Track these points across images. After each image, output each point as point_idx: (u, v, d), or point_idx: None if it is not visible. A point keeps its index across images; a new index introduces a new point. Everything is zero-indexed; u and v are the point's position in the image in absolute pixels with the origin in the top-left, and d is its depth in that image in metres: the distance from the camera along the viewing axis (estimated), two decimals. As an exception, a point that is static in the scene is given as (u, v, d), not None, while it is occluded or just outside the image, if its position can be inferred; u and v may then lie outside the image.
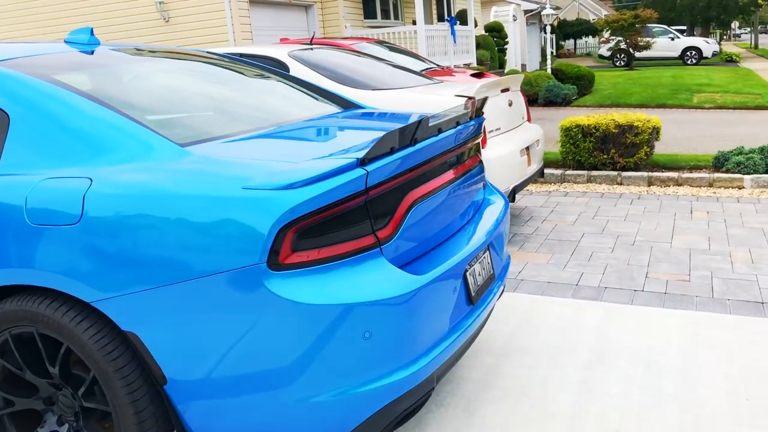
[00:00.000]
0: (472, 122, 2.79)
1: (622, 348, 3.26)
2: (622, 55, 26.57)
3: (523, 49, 25.88)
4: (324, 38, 8.97)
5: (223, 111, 2.71)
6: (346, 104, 3.28)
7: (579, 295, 4.02)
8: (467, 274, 2.43)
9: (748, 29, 68.86)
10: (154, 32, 12.87)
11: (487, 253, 2.69)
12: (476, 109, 2.86)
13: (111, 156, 2.14)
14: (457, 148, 2.61)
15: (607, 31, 26.17)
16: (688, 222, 5.44)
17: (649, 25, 24.89)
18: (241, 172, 1.99)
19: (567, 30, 38.78)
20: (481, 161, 3.03)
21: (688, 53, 27.62)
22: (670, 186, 6.69)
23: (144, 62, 2.95)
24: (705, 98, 13.26)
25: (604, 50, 28.44)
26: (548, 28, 19.85)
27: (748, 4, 36.59)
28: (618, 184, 6.89)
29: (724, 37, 56.94)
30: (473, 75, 7.97)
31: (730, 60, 28.38)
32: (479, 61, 17.86)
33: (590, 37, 42.85)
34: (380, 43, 9.27)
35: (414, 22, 17.24)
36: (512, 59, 23.31)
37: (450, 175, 2.55)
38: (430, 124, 2.32)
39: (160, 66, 2.97)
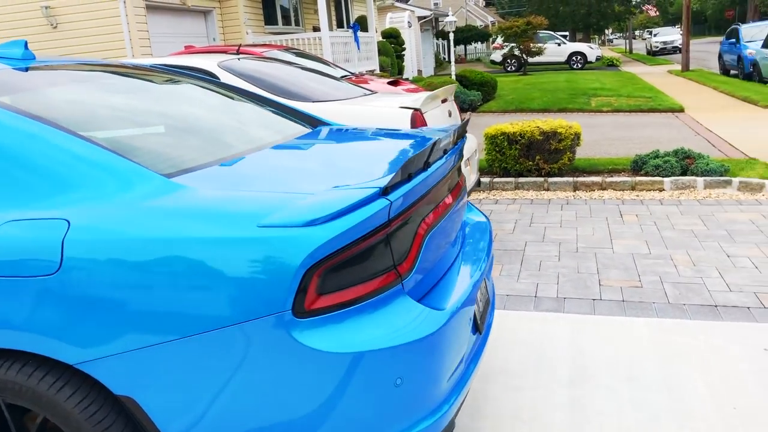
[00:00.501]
0: (461, 142, 2.66)
1: (601, 362, 3.24)
2: (513, 61, 27.54)
3: (419, 55, 26.28)
4: (247, 45, 8.59)
5: (196, 133, 2.44)
6: (313, 122, 3.07)
7: (541, 307, 3.99)
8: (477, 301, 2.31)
9: (619, 34, 73.43)
10: (41, 39, 11.97)
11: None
12: (464, 127, 2.74)
13: (85, 192, 1.84)
14: (452, 169, 2.48)
15: (501, 37, 27.02)
16: (621, 226, 5.58)
17: (537, 31, 25.91)
18: (252, 207, 1.76)
19: (458, 36, 39.78)
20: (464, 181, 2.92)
21: (574, 58, 29.04)
22: (595, 190, 6.87)
23: (92, 80, 2.62)
24: (602, 102, 13.87)
25: (497, 56, 29.36)
26: (451, 35, 20.18)
27: (623, 11, 38.89)
28: (545, 189, 7.01)
29: (599, 42, 60.32)
30: (389, 83, 7.86)
31: (612, 64, 30.01)
32: (381, 68, 17.91)
33: (479, 42, 44.20)
34: (288, 50, 9.03)
35: (315, 29, 17.07)
36: (409, 65, 23.58)
37: (449, 199, 2.42)
38: (441, 146, 2.18)
39: (111, 83, 2.65)
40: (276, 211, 1.74)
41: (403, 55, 22.39)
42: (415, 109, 4.62)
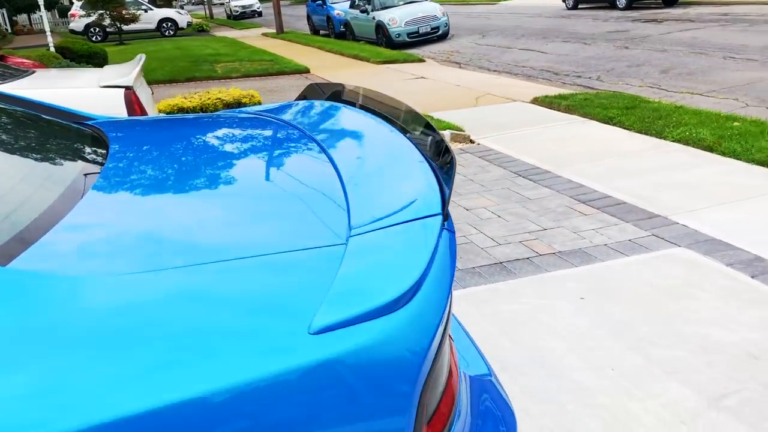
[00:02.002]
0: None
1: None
2: (98, 30, 25.09)
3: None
4: None
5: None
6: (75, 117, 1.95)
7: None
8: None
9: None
10: None
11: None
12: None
13: None
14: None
15: (83, 5, 24.22)
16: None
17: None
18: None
19: (17, 3, 34.61)
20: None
21: (165, 24, 27.74)
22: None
23: None
24: (229, 68, 13.39)
25: (77, 24, 26.31)
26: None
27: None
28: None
29: (178, 7, 59.03)
30: None
31: (202, 30, 29.59)
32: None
33: (47, 11, 39.20)
34: None
35: None
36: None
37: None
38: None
39: None
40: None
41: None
42: (128, 88, 3.53)
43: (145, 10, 27.39)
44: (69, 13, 29.94)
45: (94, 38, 25.06)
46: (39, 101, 1.93)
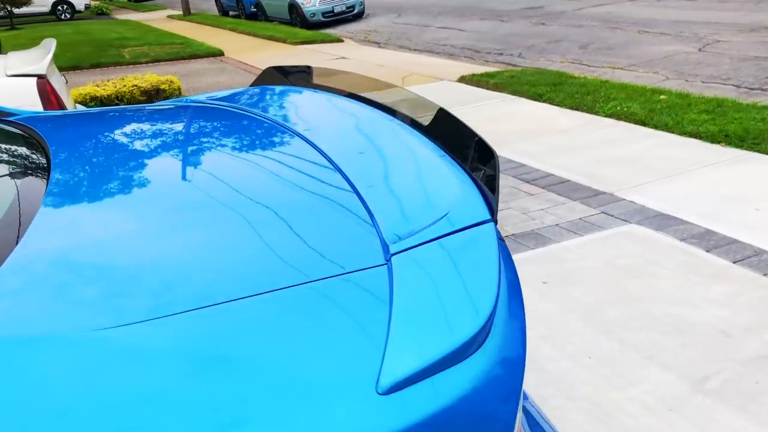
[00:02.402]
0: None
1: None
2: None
3: None
4: None
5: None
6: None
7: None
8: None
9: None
10: None
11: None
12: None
13: None
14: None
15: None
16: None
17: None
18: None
19: None
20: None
21: (60, 8, 26.12)
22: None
23: None
24: (137, 52, 12.66)
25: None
26: None
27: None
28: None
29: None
30: None
31: (102, 13, 28.05)
32: None
33: None
34: None
35: None
36: None
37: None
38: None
39: None
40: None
41: None
42: (40, 77, 3.16)
43: (38, -8, 25.69)
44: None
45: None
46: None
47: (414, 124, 1.21)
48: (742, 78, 6.96)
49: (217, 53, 12.48)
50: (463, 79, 7.95)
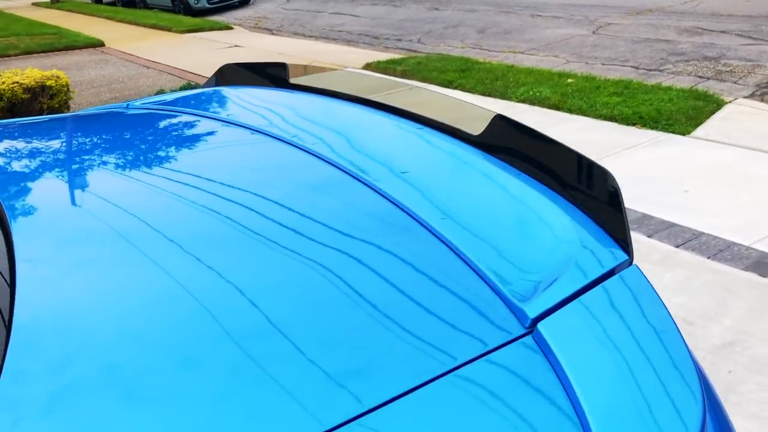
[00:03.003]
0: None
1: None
2: None
3: None
4: None
5: None
6: None
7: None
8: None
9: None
10: None
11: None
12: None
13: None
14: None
15: None
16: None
17: None
18: None
19: None
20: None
21: None
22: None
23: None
24: (5, 44, 11.53)
25: None
26: None
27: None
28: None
29: None
30: None
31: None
32: None
33: None
34: None
35: None
36: None
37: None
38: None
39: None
40: None
41: None
42: None
43: None
44: None
45: None
46: None
47: (463, 136, 1.02)
48: (639, 60, 7.20)
49: (97, 44, 11.63)
50: (368, 67, 7.77)
